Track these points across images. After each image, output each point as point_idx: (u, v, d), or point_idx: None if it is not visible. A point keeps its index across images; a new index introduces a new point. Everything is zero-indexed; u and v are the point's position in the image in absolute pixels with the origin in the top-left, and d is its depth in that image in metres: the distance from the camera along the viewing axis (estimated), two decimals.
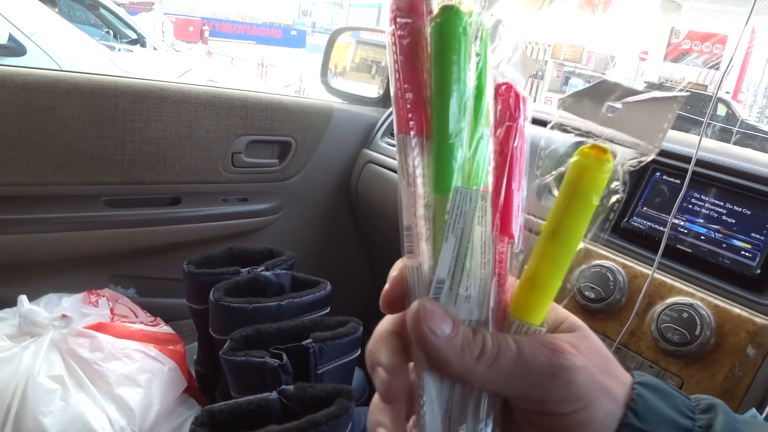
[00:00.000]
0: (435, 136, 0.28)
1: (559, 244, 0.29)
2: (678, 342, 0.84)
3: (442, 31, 0.27)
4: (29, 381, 0.82)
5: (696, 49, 15.48)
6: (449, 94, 0.27)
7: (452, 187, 0.28)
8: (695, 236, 0.96)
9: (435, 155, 0.28)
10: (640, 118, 0.27)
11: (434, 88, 0.27)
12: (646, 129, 0.27)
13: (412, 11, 0.28)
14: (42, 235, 1.16)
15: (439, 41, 0.27)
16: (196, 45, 15.66)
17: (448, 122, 0.27)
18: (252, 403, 0.71)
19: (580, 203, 0.28)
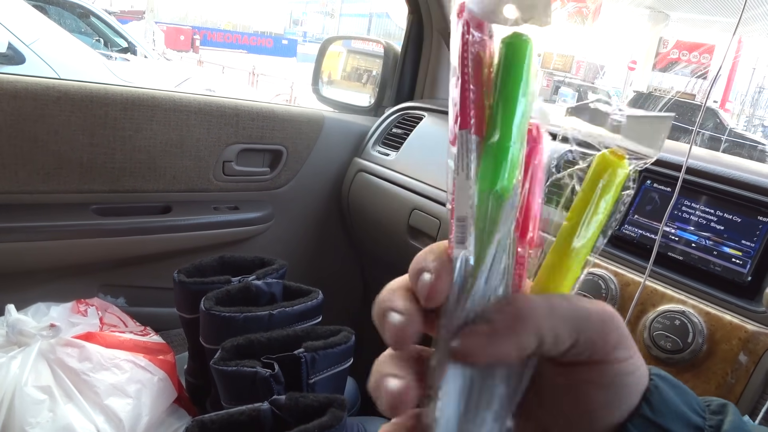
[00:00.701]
0: (495, 139, 0.29)
1: (582, 233, 0.31)
2: (670, 349, 0.84)
3: (512, 49, 0.29)
4: (17, 391, 0.80)
5: (684, 58, 15.64)
6: (513, 106, 0.29)
7: (507, 185, 0.30)
8: (686, 244, 0.96)
9: (495, 156, 0.29)
10: (643, 128, 0.31)
11: (499, 97, 0.29)
12: (648, 137, 0.31)
13: (479, 26, 0.30)
14: (30, 244, 1.15)
15: (508, 57, 0.29)
16: (187, 54, 15.66)
17: (509, 130, 0.29)
18: (243, 413, 0.70)
19: (603, 196, 0.31)
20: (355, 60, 2.25)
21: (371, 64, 2.15)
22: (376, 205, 1.50)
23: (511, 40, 0.29)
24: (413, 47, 1.72)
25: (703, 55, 15.39)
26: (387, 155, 1.53)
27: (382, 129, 1.62)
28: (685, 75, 15.77)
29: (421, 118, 1.54)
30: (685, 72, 15.87)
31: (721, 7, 12.33)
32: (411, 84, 1.75)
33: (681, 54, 15.66)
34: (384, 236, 1.51)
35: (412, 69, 1.74)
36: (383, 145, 1.58)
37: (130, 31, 6.07)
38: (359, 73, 2.25)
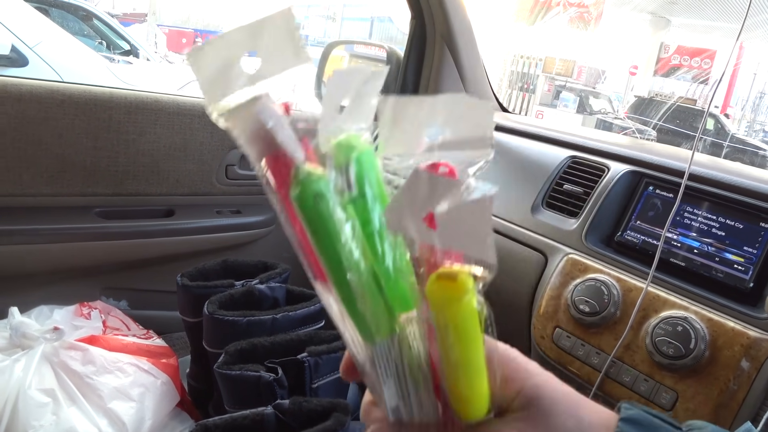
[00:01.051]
0: (337, 296, 0.28)
1: (463, 371, 0.28)
2: (673, 355, 0.85)
3: (299, 204, 0.27)
4: (20, 394, 0.81)
5: (685, 64, 15.64)
6: (330, 267, 0.27)
7: (372, 339, 0.28)
8: (688, 250, 0.96)
9: (347, 312, 0.28)
10: (461, 228, 0.25)
11: (317, 255, 0.28)
12: (471, 241, 0.24)
13: (281, 168, 0.28)
14: (34, 246, 1.15)
15: (301, 214, 0.27)
16: None
17: (342, 292, 0.28)
18: (247, 417, 0.71)
19: (457, 338, 0.27)
20: (357, 64, 2.25)
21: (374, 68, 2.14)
22: None
23: (295, 189, 0.27)
24: (416, 52, 1.73)
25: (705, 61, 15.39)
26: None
27: None
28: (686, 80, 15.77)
29: None
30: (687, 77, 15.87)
31: (722, 13, 12.34)
32: (414, 88, 1.76)
33: (682, 59, 15.67)
34: None
35: (414, 73, 1.74)
36: None
37: (132, 34, 6.08)
38: None
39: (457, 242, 0.25)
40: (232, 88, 0.26)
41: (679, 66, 15.74)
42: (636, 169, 1.08)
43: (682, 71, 15.74)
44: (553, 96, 13.61)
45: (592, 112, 12.47)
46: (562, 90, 13.34)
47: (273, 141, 0.26)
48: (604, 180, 1.08)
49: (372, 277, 0.28)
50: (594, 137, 1.24)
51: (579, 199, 1.09)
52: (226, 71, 0.26)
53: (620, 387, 0.90)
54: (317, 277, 0.29)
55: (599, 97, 13.59)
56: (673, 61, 15.78)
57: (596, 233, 1.05)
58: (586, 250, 1.02)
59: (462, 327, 0.26)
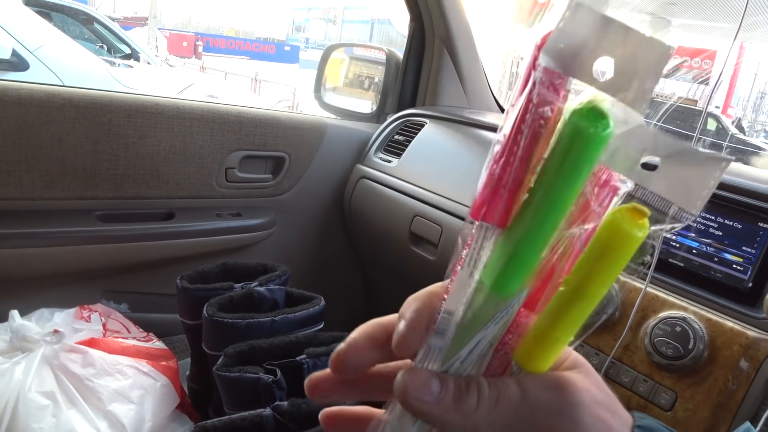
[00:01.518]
0: (519, 239, 0.26)
1: (580, 303, 0.26)
2: (671, 356, 0.85)
3: (581, 141, 0.24)
4: (20, 397, 0.81)
5: (686, 64, 15.64)
6: (554, 211, 0.25)
7: (513, 290, 0.27)
8: (687, 250, 0.96)
9: (511, 258, 0.26)
10: (681, 180, 0.24)
11: (541, 192, 0.25)
12: (686, 193, 0.24)
13: (557, 87, 0.25)
14: (34, 250, 1.16)
15: (571, 150, 0.24)
16: (190, 60, 15.71)
17: (539, 234, 0.25)
18: (246, 419, 0.71)
19: (609, 267, 0.25)
20: (357, 67, 2.25)
21: (373, 71, 2.15)
22: (378, 212, 1.50)
23: (583, 122, 0.24)
24: (415, 54, 1.73)
25: (705, 61, 15.39)
26: (389, 162, 1.54)
27: (384, 136, 1.62)
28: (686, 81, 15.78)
29: (422, 125, 1.55)
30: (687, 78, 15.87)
31: (722, 13, 12.34)
32: (413, 91, 1.76)
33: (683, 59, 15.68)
34: (386, 243, 1.51)
35: (414, 76, 1.75)
36: (385, 152, 1.59)
37: (133, 38, 6.09)
38: (361, 80, 2.26)
39: (668, 190, 0.24)
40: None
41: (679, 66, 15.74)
42: None
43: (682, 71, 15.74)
44: None
45: None
46: None
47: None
48: None
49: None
50: None
51: None
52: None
53: (619, 387, 0.91)
54: (489, 218, 0.26)
55: None
56: None
57: None
58: None
59: (621, 259, 0.25)
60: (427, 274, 1.35)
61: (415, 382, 0.27)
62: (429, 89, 1.72)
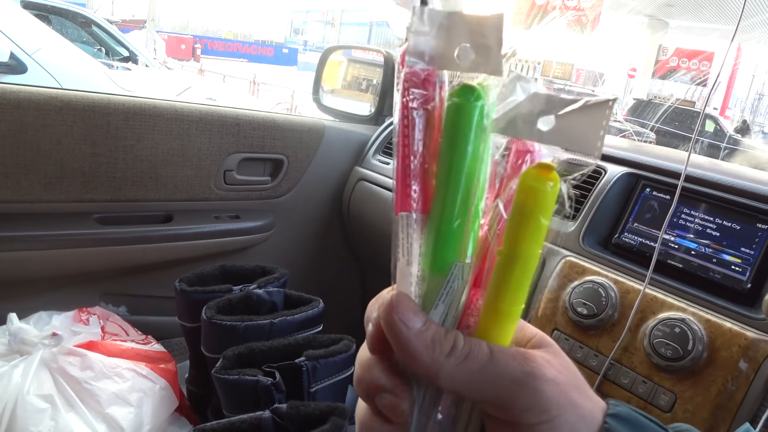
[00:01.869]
0: (438, 218, 0.28)
1: (518, 268, 0.28)
2: (671, 357, 0.85)
3: (459, 114, 0.27)
4: (18, 400, 0.81)
5: (683, 66, 15.69)
6: (458, 181, 0.27)
7: (449, 265, 0.28)
8: (686, 251, 0.97)
9: (437, 237, 0.28)
10: (576, 129, 0.26)
11: (443, 169, 0.27)
12: (583, 139, 0.26)
13: (426, 81, 0.27)
14: (33, 253, 1.16)
15: (454, 124, 0.27)
16: (188, 63, 15.71)
17: (453, 208, 0.28)
18: (245, 422, 0.71)
19: (532, 226, 0.27)
20: (355, 69, 2.26)
21: (372, 73, 2.16)
22: (377, 214, 1.50)
23: (457, 98, 0.27)
24: None
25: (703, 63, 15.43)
26: (387, 164, 1.54)
27: (383, 138, 1.63)
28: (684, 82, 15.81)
29: None
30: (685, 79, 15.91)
31: (719, 14, 12.37)
32: None
33: (680, 61, 15.71)
34: (384, 244, 1.51)
35: None
36: (384, 154, 1.59)
37: (131, 40, 6.09)
38: (359, 81, 2.26)
39: (569, 141, 0.26)
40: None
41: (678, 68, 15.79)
42: (633, 171, 1.08)
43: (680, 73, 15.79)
44: None
45: None
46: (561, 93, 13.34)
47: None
48: (602, 182, 1.08)
49: (477, 200, 0.28)
50: None
51: (576, 201, 1.10)
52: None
53: (619, 389, 0.90)
54: (405, 208, 0.28)
55: None
56: (671, 63, 15.83)
57: (594, 235, 1.05)
58: (583, 252, 1.03)
59: (539, 215, 0.27)
60: None
61: (405, 305, 0.28)
62: None
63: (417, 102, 0.27)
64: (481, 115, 0.27)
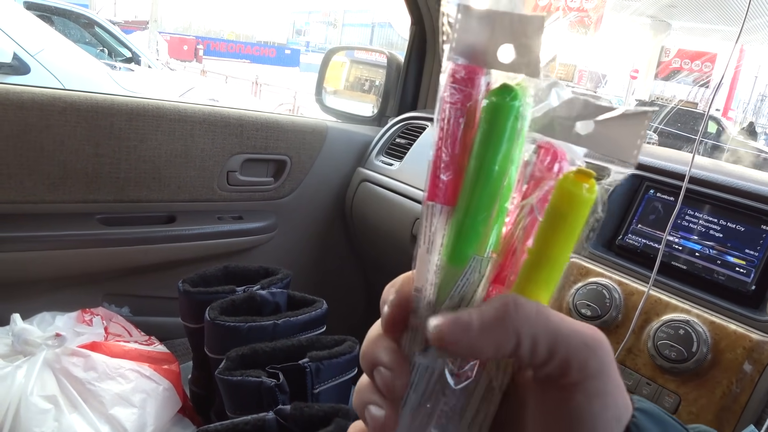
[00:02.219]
0: (462, 212, 0.28)
1: (545, 269, 0.28)
2: (675, 359, 0.84)
3: (495, 112, 0.27)
4: (22, 400, 0.81)
5: (686, 67, 15.68)
6: (488, 178, 0.28)
7: (467, 257, 0.29)
8: (690, 253, 0.96)
9: (459, 229, 0.29)
10: (614, 136, 0.27)
11: (474, 165, 0.28)
12: (621, 146, 0.27)
13: (469, 79, 0.28)
14: (36, 253, 1.16)
15: (490, 122, 0.28)
16: (191, 63, 15.73)
17: (479, 204, 0.28)
18: (248, 423, 0.71)
19: (566, 229, 0.28)
20: (358, 70, 2.25)
21: (374, 75, 2.16)
22: (380, 215, 1.50)
23: (495, 97, 0.27)
24: (416, 57, 1.73)
25: (705, 64, 15.42)
26: (390, 165, 1.54)
27: (386, 139, 1.62)
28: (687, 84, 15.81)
29: (424, 128, 1.55)
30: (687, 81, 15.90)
31: (722, 16, 12.36)
32: (414, 94, 1.76)
33: (683, 63, 15.71)
34: (387, 245, 1.51)
35: (415, 79, 1.75)
36: (386, 155, 1.59)
37: (134, 41, 6.10)
38: (362, 83, 2.26)
39: (607, 147, 0.28)
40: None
41: (680, 69, 15.78)
42: (636, 173, 1.08)
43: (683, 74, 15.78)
44: None
45: None
46: None
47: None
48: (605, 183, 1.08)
49: (502, 202, 0.29)
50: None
51: None
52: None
53: None
54: (433, 197, 0.29)
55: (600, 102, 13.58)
56: (673, 64, 15.82)
57: (597, 237, 1.05)
58: (587, 253, 1.02)
59: (575, 219, 0.27)
60: None
61: (448, 325, 0.27)
62: (430, 92, 1.72)
63: (456, 97, 0.28)
64: (517, 116, 0.27)
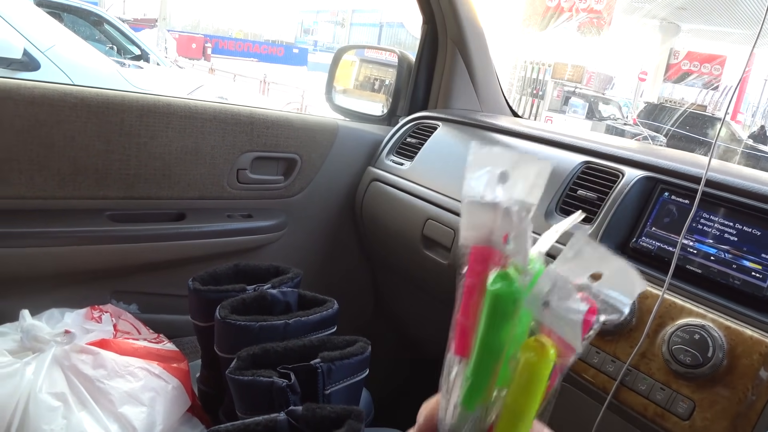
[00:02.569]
0: (470, 370, 0.35)
1: (520, 423, 0.34)
2: (690, 364, 0.83)
3: (494, 298, 0.33)
4: (31, 398, 0.80)
5: (695, 70, 15.60)
6: (488, 351, 0.34)
7: (474, 405, 0.35)
8: (705, 257, 0.95)
9: (466, 382, 0.35)
10: (565, 323, 0.32)
11: (479, 339, 0.34)
12: (570, 334, 0.32)
13: (483, 259, 0.34)
14: (45, 249, 1.15)
15: (490, 307, 0.33)
16: (199, 62, 15.77)
17: (479, 368, 0.34)
18: (260, 424, 0.70)
19: (533, 390, 0.33)
20: (368, 69, 2.25)
21: (384, 74, 2.15)
22: (390, 215, 1.49)
23: (495, 286, 0.33)
24: (428, 57, 1.72)
25: (715, 67, 15.34)
26: (401, 165, 1.53)
27: (397, 138, 1.62)
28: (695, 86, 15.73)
29: (435, 128, 1.54)
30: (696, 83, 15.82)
31: (732, 19, 12.30)
32: (425, 94, 1.75)
33: (692, 65, 15.63)
34: (398, 246, 1.50)
35: (426, 78, 1.74)
36: (397, 155, 1.58)
37: (142, 39, 6.12)
38: (372, 82, 2.25)
39: (567, 334, 0.33)
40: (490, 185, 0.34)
41: (690, 72, 15.71)
42: (651, 175, 1.06)
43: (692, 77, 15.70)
44: (562, 102, 13.60)
45: (601, 118, 12.44)
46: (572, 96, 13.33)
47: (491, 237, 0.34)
48: (619, 186, 1.07)
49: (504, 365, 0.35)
50: (608, 142, 1.23)
51: (593, 205, 1.08)
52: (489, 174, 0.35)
53: (636, 395, 0.89)
54: (457, 352, 0.36)
55: (609, 103, 13.56)
56: (683, 66, 15.75)
57: (611, 240, 1.04)
58: None
59: (537, 383, 0.33)
60: (440, 278, 1.34)
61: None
62: (441, 92, 1.72)
63: (472, 277, 0.34)
64: (514, 300, 0.33)
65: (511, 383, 0.34)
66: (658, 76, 16.00)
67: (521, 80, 14.25)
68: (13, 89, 1.08)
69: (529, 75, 14.08)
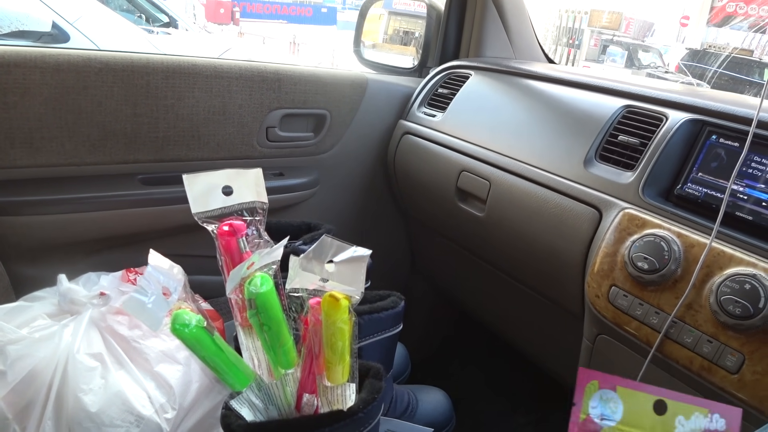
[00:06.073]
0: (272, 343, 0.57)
1: (340, 351, 0.55)
2: (739, 315, 0.79)
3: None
4: (69, 359, 0.81)
5: (741, 12, 14.87)
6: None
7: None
8: (756, 203, 0.90)
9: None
10: (347, 272, 0.47)
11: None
12: (353, 280, 0.47)
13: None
14: (79, 215, 1.16)
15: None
16: (228, 26, 15.72)
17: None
18: None
19: (336, 335, 0.52)
20: (396, 22, 2.19)
21: (413, 26, 2.09)
22: (423, 168, 1.46)
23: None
24: (457, 5, 1.66)
25: (762, 8, 14.59)
26: (433, 116, 1.49)
27: (428, 89, 1.57)
28: (742, 29, 15.02)
29: (467, 77, 1.49)
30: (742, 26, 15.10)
31: None
32: (456, 43, 1.69)
33: (738, 7, 14.90)
34: (432, 200, 1.47)
35: (456, 28, 1.68)
36: (429, 106, 1.53)
37: (171, 6, 6.09)
38: (401, 35, 2.19)
39: (347, 281, 0.53)
40: (212, 204, 0.51)
41: (734, 14, 14.97)
42: (697, 117, 1.00)
43: (737, 20, 14.97)
44: (600, 51, 13.18)
45: (641, 67, 12.05)
46: (609, 44, 12.90)
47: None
48: (663, 130, 1.02)
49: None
50: (650, 85, 1.16)
51: (635, 151, 1.03)
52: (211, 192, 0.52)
53: (681, 348, 0.86)
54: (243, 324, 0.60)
55: (649, 51, 13.10)
56: (727, 9, 15.01)
57: (654, 186, 0.99)
58: (643, 204, 0.97)
59: (341, 325, 0.52)
60: (475, 230, 1.31)
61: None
62: (473, 40, 1.65)
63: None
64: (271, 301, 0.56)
65: (325, 335, 0.53)
66: (702, 21, 15.32)
67: (556, 29, 13.83)
68: (38, 58, 1.07)
69: (564, 24, 13.65)
